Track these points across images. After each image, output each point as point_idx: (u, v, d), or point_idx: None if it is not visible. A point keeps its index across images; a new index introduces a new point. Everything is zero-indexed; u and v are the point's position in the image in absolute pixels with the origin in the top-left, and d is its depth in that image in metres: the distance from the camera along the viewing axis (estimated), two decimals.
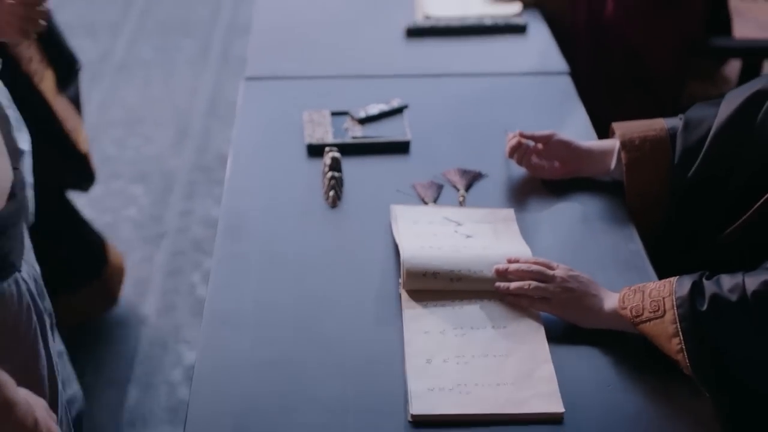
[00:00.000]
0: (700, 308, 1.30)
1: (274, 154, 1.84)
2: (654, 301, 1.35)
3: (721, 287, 1.31)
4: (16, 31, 1.40)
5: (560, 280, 1.43)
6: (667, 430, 1.27)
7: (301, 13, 2.44)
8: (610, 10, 2.40)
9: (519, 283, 1.44)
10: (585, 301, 1.42)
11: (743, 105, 1.59)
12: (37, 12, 1.40)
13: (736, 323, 1.29)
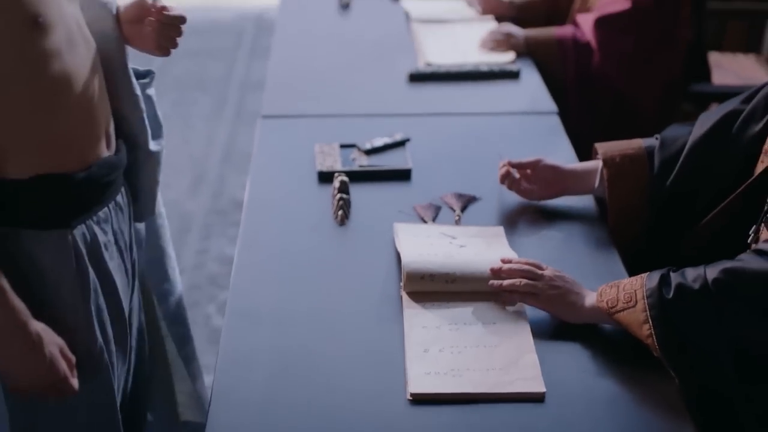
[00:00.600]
0: (667, 296, 1.47)
1: (288, 180, 2.03)
2: (627, 293, 1.52)
3: (686, 277, 1.48)
4: (156, 47, 1.62)
5: (548, 278, 1.61)
6: (637, 410, 1.44)
7: (313, 59, 2.65)
8: (597, 59, 2.61)
9: (511, 281, 1.61)
10: (569, 298, 1.59)
11: (717, 123, 1.78)
12: (174, 30, 1.61)
13: (699, 309, 1.45)
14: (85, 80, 1.50)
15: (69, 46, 1.46)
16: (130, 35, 1.65)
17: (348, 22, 2.92)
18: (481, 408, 1.44)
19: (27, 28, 1.38)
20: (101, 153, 1.57)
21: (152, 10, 1.60)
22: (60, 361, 1.45)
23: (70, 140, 1.50)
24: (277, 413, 1.42)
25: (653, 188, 1.83)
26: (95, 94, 1.54)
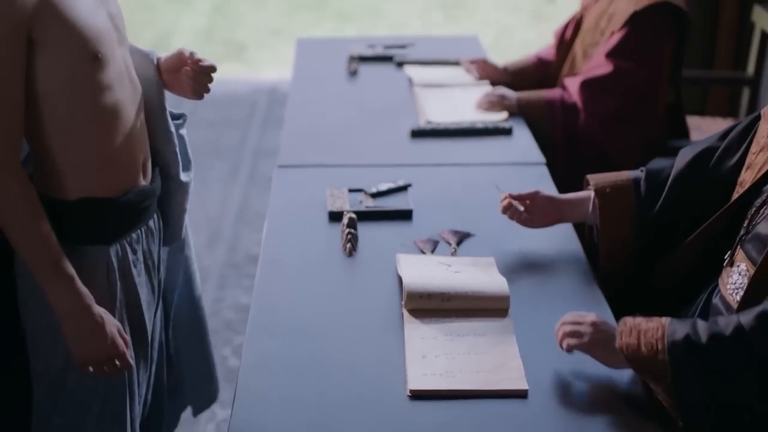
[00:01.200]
0: (700, 342, 1.57)
1: (301, 219, 2.26)
2: (648, 342, 1.61)
3: (718, 324, 1.59)
4: (191, 92, 1.89)
5: (590, 323, 1.70)
6: (609, 406, 1.64)
7: (324, 116, 2.90)
8: (582, 119, 2.86)
9: (563, 331, 1.72)
10: (611, 343, 1.66)
11: (696, 157, 2.03)
12: (207, 78, 1.87)
13: (733, 354, 1.56)
14: (130, 114, 1.76)
15: (119, 83, 1.72)
16: (169, 82, 1.91)
17: (356, 86, 3.18)
18: (471, 403, 1.65)
19: (89, 62, 1.64)
20: (139, 182, 1.82)
21: (188, 60, 1.87)
22: (119, 339, 1.69)
23: (113, 168, 1.75)
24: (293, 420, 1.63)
25: (640, 216, 2.05)
26: (137, 128, 1.79)
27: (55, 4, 1.61)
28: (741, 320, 1.59)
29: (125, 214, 1.79)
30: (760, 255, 1.73)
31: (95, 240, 1.75)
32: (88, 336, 1.70)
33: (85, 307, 1.68)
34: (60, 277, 1.66)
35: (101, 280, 1.75)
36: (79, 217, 1.72)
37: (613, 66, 2.80)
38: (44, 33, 1.61)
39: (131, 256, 1.82)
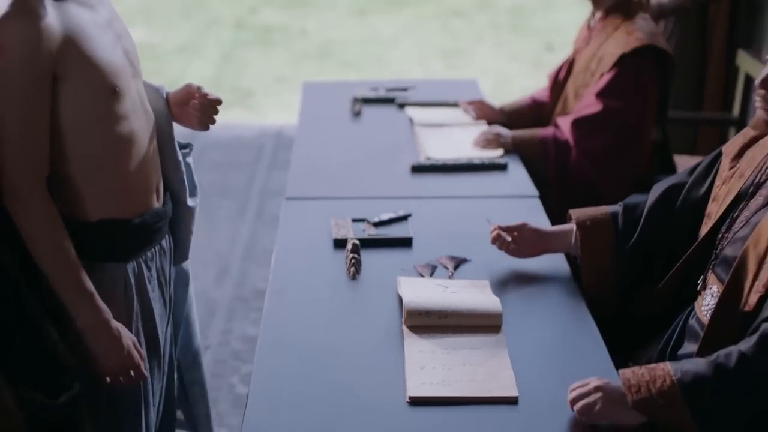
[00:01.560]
0: (709, 381, 1.70)
1: (308, 246, 2.41)
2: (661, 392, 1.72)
3: (719, 356, 1.73)
4: (198, 123, 2.05)
5: (596, 387, 1.75)
6: None
7: (329, 152, 3.06)
8: (574, 156, 3.01)
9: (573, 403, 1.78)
10: (623, 402, 1.73)
11: (665, 192, 2.19)
12: (213, 110, 2.04)
13: (742, 377, 1.69)
14: (144, 142, 1.92)
15: (134, 113, 1.88)
16: (177, 114, 2.08)
17: (359, 126, 3.35)
18: (466, 409, 1.79)
19: (107, 95, 1.80)
20: (152, 204, 1.97)
21: (196, 94, 2.03)
22: (134, 351, 1.84)
23: (129, 192, 1.91)
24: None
25: (618, 248, 2.21)
26: (150, 155, 1.95)
27: (76, 43, 1.78)
28: (742, 349, 1.73)
29: (141, 234, 1.94)
30: (727, 275, 1.88)
31: (114, 258, 1.90)
32: (106, 348, 1.84)
33: (104, 322, 1.83)
34: (81, 293, 1.81)
35: (119, 295, 1.90)
36: (98, 237, 1.87)
37: (603, 105, 2.96)
38: (67, 69, 1.77)
39: (146, 273, 1.97)
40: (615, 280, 2.22)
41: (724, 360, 1.73)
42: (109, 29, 1.87)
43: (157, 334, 2.02)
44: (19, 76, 1.71)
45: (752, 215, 1.91)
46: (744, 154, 2.04)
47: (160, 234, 2.02)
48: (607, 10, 3.08)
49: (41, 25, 1.71)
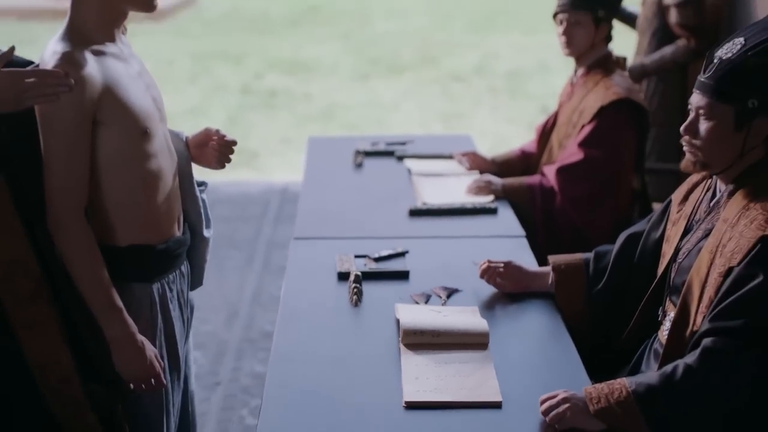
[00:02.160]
0: (656, 385, 1.95)
1: (314, 279, 2.65)
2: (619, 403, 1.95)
3: (667, 369, 1.97)
4: (216, 162, 2.32)
5: (563, 399, 1.97)
6: None
7: (333, 198, 3.32)
8: (558, 201, 3.27)
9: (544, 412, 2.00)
10: (587, 411, 1.96)
11: (625, 242, 2.48)
12: (229, 151, 2.31)
13: (689, 384, 1.93)
14: (169, 178, 2.18)
15: (161, 152, 2.15)
16: (196, 156, 2.35)
17: (361, 176, 3.61)
18: (455, 412, 2.01)
19: (139, 136, 2.07)
20: (174, 233, 2.23)
21: (215, 136, 2.30)
22: (156, 362, 2.07)
23: (155, 221, 2.16)
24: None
25: (589, 291, 2.48)
26: (173, 190, 2.21)
27: (114, 92, 2.05)
28: (687, 362, 1.97)
29: (164, 259, 2.20)
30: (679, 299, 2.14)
31: (140, 279, 2.15)
32: (131, 358, 2.08)
33: (130, 335, 2.07)
34: (111, 309, 2.05)
35: (145, 312, 2.15)
36: (128, 260, 2.12)
37: (584, 154, 3.22)
38: (105, 114, 2.04)
39: (168, 294, 2.22)
40: (588, 318, 2.48)
41: (671, 372, 1.97)
42: (140, 80, 2.14)
43: (177, 350, 2.26)
44: (66, 120, 1.98)
45: (693, 246, 2.18)
46: (688, 198, 2.32)
47: (180, 259, 2.27)
48: (588, 67, 3.37)
49: (85, 76, 1.98)
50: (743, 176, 2.12)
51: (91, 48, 2.03)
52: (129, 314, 2.09)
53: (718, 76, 2.08)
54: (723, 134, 2.09)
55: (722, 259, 2.05)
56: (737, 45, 2.10)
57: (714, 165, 2.14)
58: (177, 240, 2.24)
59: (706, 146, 2.12)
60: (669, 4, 4.29)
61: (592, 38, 3.32)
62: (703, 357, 1.96)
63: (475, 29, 13.02)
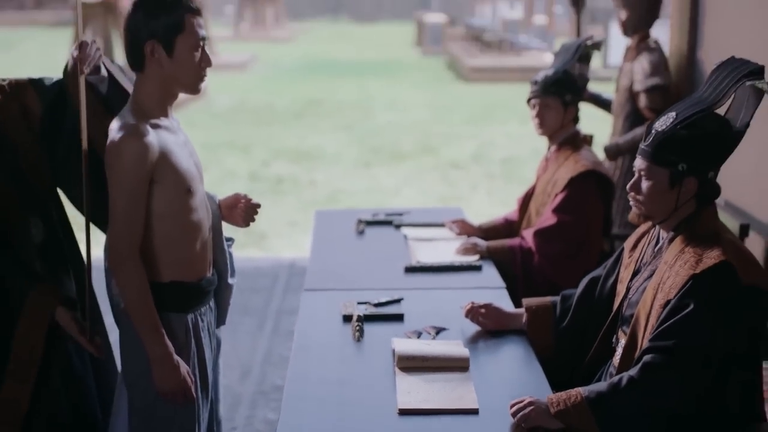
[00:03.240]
0: (604, 391, 2.41)
1: (321, 322, 3.10)
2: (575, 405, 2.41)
3: (614, 379, 2.43)
4: (243, 221, 2.81)
5: (529, 402, 2.42)
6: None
7: (338, 255, 3.78)
8: (536, 260, 3.73)
9: (513, 414, 2.46)
10: (548, 413, 2.41)
11: (586, 286, 2.93)
12: (254, 212, 2.81)
13: (631, 391, 2.38)
14: (206, 228, 2.65)
15: (200, 208, 2.62)
16: (226, 215, 2.83)
17: (362, 241, 4.08)
18: (440, 417, 2.45)
19: (184, 193, 2.55)
20: (207, 273, 2.69)
21: (242, 199, 2.78)
22: (188, 379, 2.51)
23: (193, 262, 2.62)
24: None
25: (556, 329, 2.93)
26: (207, 239, 2.67)
27: (167, 157, 2.53)
28: (630, 373, 2.43)
29: (198, 294, 2.66)
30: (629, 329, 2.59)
31: (178, 309, 2.61)
32: (169, 374, 2.52)
33: (169, 355, 2.52)
34: (155, 332, 2.50)
35: (181, 337, 2.60)
36: (168, 294, 2.58)
37: (557, 219, 3.70)
38: (159, 174, 2.52)
39: (200, 324, 2.67)
40: (555, 350, 2.93)
41: (618, 381, 2.42)
42: (185, 148, 2.63)
43: (207, 372, 2.70)
44: (130, 178, 2.46)
45: (640, 285, 2.64)
46: (637, 246, 2.78)
47: (209, 296, 2.73)
48: (559, 144, 3.87)
49: (146, 144, 2.47)
50: (680, 226, 2.58)
51: (150, 121, 2.52)
52: (168, 338, 2.53)
53: (654, 145, 2.56)
54: (660, 191, 2.55)
55: (662, 293, 2.51)
56: (670, 119, 2.58)
57: (654, 216, 2.60)
58: (208, 279, 2.70)
59: (647, 201, 2.58)
60: (638, 91, 4.78)
61: (562, 119, 3.82)
62: (643, 370, 2.41)
63: (473, 121, 13.64)
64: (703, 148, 2.52)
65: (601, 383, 2.46)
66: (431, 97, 16.05)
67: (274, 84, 17.68)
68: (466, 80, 18.43)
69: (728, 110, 2.57)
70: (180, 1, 2.50)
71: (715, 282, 2.41)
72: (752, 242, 3.83)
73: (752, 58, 2.60)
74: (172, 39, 2.50)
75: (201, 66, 2.57)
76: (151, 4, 2.49)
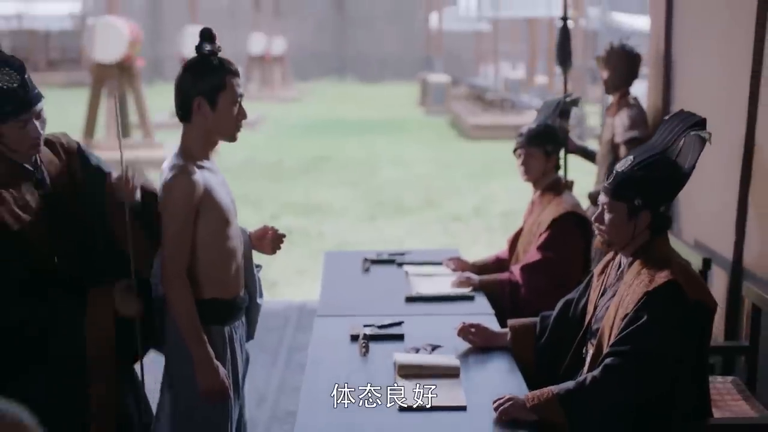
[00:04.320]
0: (571, 388, 2.87)
1: (332, 341, 3.55)
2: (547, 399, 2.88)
3: (580, 378, 2.91)
4: (270, 249, 3.28)
5: (509, 398, 2.91)
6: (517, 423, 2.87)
7: (346, 291, 4.24)
8: (523, 292, 4.18)
9: (496, 408, 2.93)
10: (525, 406, 2.89)
11: (562, 307, 3.38)
12: (280, 242, 3.29)
13: (594, 388, 2.85)
14: (239, 255, 3.12)
15: (235, 237, 3.09)
16: (256, 244, 3.30)
17: (368, 278, 4.54)
18: (433, 413, 2.89)
19: (223, 224, 3.02)
20: (240, 292, 3.15)
21: (270, 231, 3.26)
22: (225, 380, 2.96)
23: (228, 283, 3.09)
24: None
25: (536, 345, 3.37)
26: (240, 264, 3.14)
27: (209, 193, 3.01)
28: (594, 374, 2.88)
29: (233, 309, 3.12)
30: (595, 342, 3.04)
31: (216, 323, 3.06)
32: (210, 375, 2.96)
33: (210, 359, 2.97)
34: (199, 340, 2.95)
35: (219, 347, 3.05)
36: (209, 309, 3.04)
37: (542, 256, 4.16)
38: (203, 207, 2.99)
39: (234, 336, 3.12)
40: (535, 363, 3.37)
41: (583, 380, 2.87)
42: (224, 186, 3.11)
43: (238, 377, 3.15)
44: (179, 210, 2.94)
45: (605, 303, 3.10)
46: (604, 271, 3.24)
47: (242, 312, 3.19)
48: (543, 189, 4.35)
49: (193, 182, 2.95)
50: (637, 252, 3.05)
51: (196, 163, 3.01)
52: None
53: (614, 183, 3.03)
54: (619, 222, 3.02)
55: (622, 308, 2.96)
56: (628, 161, 3.05)
57: (615, 243, 3.07)
58: (241, 298, 3.16)
59: (609, 230, 3.05)
60: (619, 143, 5.26)
61: (544, 167, 4.31)
62: (604, 370, 2.85)
63: (474, 176, 14.16)
64: (655, 186, 2.99)
65: (570, 382, 2.91)
66: (434, 154, 16.60)
67: (282, 142, 18.28)
68: (468, 138, 19.02)
69: (678, 155, 3.03)
70: (222, 65, 3.00)
71: (665, 298, 2.87)
72: (716, 274, 4.30)
73: (715, 111, 3.10)
74: (216, 96, 3.00)
75: (238, 118, 3.07)
76: (198, 66, 2.99)
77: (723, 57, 4.46)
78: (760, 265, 4.00)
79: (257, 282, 3.34)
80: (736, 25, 4.22)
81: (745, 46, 4.06)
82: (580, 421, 2.84)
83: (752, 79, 3.94)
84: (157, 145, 15.01)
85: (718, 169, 4.34)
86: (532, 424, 2.84)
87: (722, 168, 4.31)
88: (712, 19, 4.65)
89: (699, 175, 3.10)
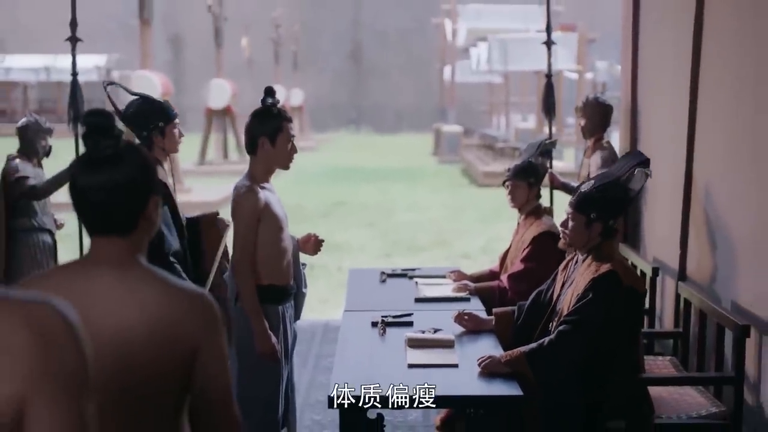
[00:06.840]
0: (535, 347, 3.89)
1: (357, 328, 4.56)
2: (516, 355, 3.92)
3: (543, 340, 3.92)
4: (313, 251, 4.34)
5: (489, 356, 3.91)
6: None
7: (365, 294, 5.26)
8: (510, 295, 5.18)
9: (479, 363, 3.99)
10: (501, 362, 3.91)
11: (534, 297, 4.41)
12: (320, 246, 4.36)
13: (552, 347, 3.86)
14: (289, 253, 4.18)
15: (287, 240, 4.15)
16: (302, 247, 4.35)
17: (385, 286, 5.56)
18: (435, 369, 3.88)
19: (278, 229, 4.06)
20: (290, 281, 4.18)
21: (312, 237, 4.31)
22: (276, 346, 3.98)
23: (282, 273, 4.12)
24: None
25: (514, 327, 4.38)
26: (290, 260, 4.18)
27: (268, 207, 4.04)
28: (551, 337, 3.88)
29: (284, 293, 4.15)
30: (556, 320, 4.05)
31: (273, 302, 4.08)
32: (265, 341, 3.97)
33: (266, 329, 3.98)
34: (258, 314, 3.98)
35: (274, 321, 4.07)
36: (267, 292, 4.06)
37: (524, 266, 5.17)
38: (264, 216, 4.03)
39: (286, 314, 4.14)
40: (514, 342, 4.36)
41: (543, 341, 3.87)
42: (279, 203, 4.15)
43: (288, 347, 4.16)
44: (247, 218, 3.98)
45: (565, 289, 4.11)
46: (567, 266, 4.25)
47: (291, 297, 4.21)
48: (526, 214, 5.37)
49: (258, 198, 4.00)
50: (590, 251, 4.06)
51: (259, 185, 4.05)
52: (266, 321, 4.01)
53: (577, 199, 4.05)
54: (579, 229, 4.04)
55: (576, 292, 3.97)
56: (590, 184, 4.08)
57: (575, 244, 4.09)
58: (291, 285, 4.19)
59: (571, 234, 4.07)
60: None
61: (527, 196, 5.34)
62: (558, 335, 3.86)
63: (483, 219, 15.17)
64: (608, 204, 4.01)
65: (535, 344, 3.91)
66: (446, 199, 17.64)
67: (302, 188, 19.33)
68: (478, 185, 20.05)
69: (629, 183, 4.06)
70: (280, 113, 4.07)
71: (606, 282, 3.88)
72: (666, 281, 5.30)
73: (666, 150, 4.12)
74: (275, 136, 4.06)
75: (291, 153, 4.12)
76: (263, 114, 4.05)
77: (670, 104, 5.51)
78: (697, 272, 5.00)
79: (302, 276, 4.37)
80: (681, 76, 5.25)
81: (685, 94, 5.10)
82: (542, 373, 3.83)
83: (689, 123, 4.98)
84: (186, 190, 16.14)
85: (667, 198, 5.37)
86: (507, 376, 3.83)
87: (670, 197, 5.33)
88: (663, 71, 5.71)
89: (656, 204, 4.08)
